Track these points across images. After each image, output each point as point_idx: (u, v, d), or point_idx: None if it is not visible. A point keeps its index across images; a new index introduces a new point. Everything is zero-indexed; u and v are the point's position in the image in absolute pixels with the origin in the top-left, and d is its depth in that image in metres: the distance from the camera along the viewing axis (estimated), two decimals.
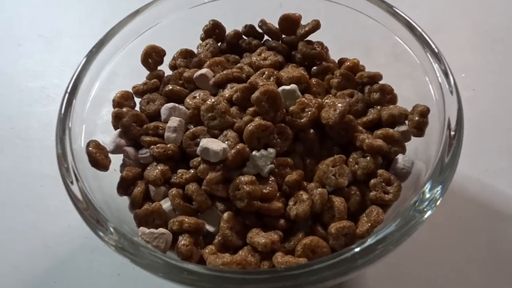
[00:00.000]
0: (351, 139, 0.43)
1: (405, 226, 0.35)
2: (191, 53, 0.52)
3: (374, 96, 0.47)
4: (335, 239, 0.38)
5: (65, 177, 0.39)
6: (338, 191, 0.41)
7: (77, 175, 0.39)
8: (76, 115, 0.44)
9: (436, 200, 0.36)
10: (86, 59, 0.47)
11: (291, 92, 0.43)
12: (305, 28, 0.51)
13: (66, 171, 0.39)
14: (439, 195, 0.36)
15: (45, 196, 0.61)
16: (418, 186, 0.39)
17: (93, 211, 0.37)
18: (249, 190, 0.38)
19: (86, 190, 0.39)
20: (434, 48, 0.44)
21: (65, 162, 0.39)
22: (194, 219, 0.39)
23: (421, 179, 0.40)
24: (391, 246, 0.34)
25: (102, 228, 0.36)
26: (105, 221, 0.37)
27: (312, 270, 0.33)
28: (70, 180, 0.39)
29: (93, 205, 0.38)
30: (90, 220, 0.36)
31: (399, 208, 0.40)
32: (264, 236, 0.38)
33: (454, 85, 0.41)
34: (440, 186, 0.37)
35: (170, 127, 0.43)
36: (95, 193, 0.40)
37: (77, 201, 0.37)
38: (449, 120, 0.39)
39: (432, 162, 0.39)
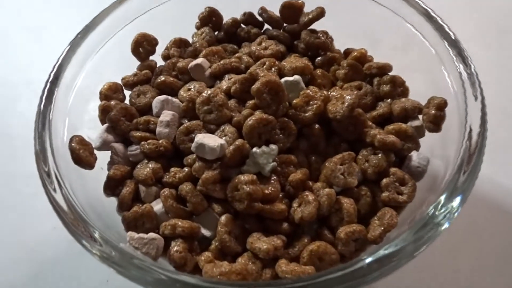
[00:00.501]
0: (360, 134, 0.41)
1: (419, 240, 0.32)
2: (186, 42, 0.51)
3: (384, 88, 0.45)
4: (345, 244, 0.36)
5: (46, 182, 0.36)
6: (347, 191, 0.39)
7: (58, 178, 0.36)
8: (58, 108, 0.41)
9: (454, 211, 0.33)
10: (70, 47, 0.44)
11: (294, 84, 0.42)
12: (308, 16, 0.49)
13: (47, 175, 0.36)
14: (457, 206, 0.33)
15: (29, 197, 0.57)
16: (436, 188, 0.36)
17: (76, 218, 0.34)
18: (249, 190, 0.36)
19: (69, 195, 0.36)
20: (452, 35, 0.41)
21: (44, 163, 0.36)
22: (188, 223, 0.37)
23: (438, 180, 0.37)
24: (404, 260, 0.31)
25: (85, 236, 0.33)
26: (89, 228, 0.34)
27: (320, 282, 0.30)
28: (52, 186, 0.36)
29: (76, 211, 0.35)
30: (72, 228, 0.33)
31: (415, 211, 0.37)
32: (266, 242, 0.36)
33: (476, 76, 0.38)
34: (460, 197, 0.34)
35: (162, 122, 0.41)
36: (78, 194, 0.37)
37: (59, 208, 0.34)
38: (470, 118, 0.36)
39: (451, 163, 0.36)
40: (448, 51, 0.40)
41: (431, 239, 0.32)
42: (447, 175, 0.35)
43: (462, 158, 0.35)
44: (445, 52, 0.41)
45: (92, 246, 0.32)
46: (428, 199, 0.35)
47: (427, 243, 0.32)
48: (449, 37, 0.41)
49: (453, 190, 0.34)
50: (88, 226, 0.33)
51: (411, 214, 0.38)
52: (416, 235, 0.32)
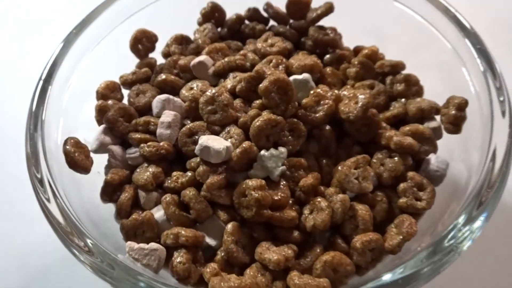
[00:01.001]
0: (374, 136, 0.40)
1: (439, 261, 0.30)
2: (187, 39, 0.50)
3: (398, 87, 0.43)
4: (361, 254, 0.35)
5: (38, 190, 0.34)
6: (361, 197, 0.38)
7: (52, 185, 0.34)
8: (52, 108, 0.40)
9: (476, 232, 0.32)
10: (64, 43, 0.43)
11: (303, 83, 0.41)
12: (316, 12, 0.48)
13: (40, 184, 0.34)
14: (480, 227, 0.32)
15: (20, 201, 0.54)
16: (458, 196, 0.35)
17: (69, 228, 0.32)
18: (257, 196, 0.35)
19: (63, 203, 0.34)
20: (473, 31, 0.39)
21: (36, 169, 0.35)
22: (192, 231, 0.36)
23: (460, 187, 0.35)
24: (422, 281, 0.30)
25: (79, 248, 0.31)
26: (85, 239, 0.32)
27: None
28: (45, 196, 0.34)
29: (70, 220, 0.33)
30: (67, 241, 0.31)
31: (435, 219, 0.35)
32: (276, 252, 0.35)
33: (499, 76, 0.35)
34: (483, 217, 0.32)
35: (163, 123, 0.40)
36: (73, 201, 0.35)
37: (51, 216, 0.33)
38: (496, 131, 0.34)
39: (475, 172, 0.34)
40: (470, 49, 0.38)
41: (452, 260, 0.31)
42: (471, 185, 0.33)
43: (487, 173, 0.33)
44: (465, 49, 0.39)
45: (86, 259, 0.30)
46: (450, 209, 0.33)
47: (448, 263, 0.31)
48: (470, 33, 0.39)
49: (478, 207, 0.32)
50: (82, 235, 0.31)
51: (430, 222, 0.36)
52: (436, 255, 0.31)
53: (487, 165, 0.33)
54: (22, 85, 0.64)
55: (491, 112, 0.35)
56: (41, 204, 0.33)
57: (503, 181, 0.32)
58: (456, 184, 0.36)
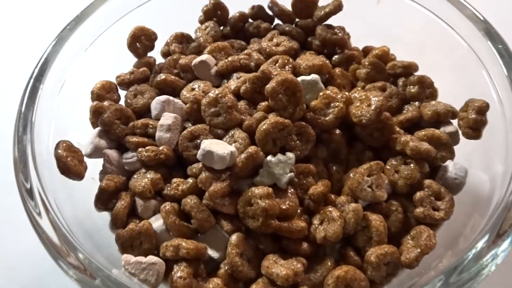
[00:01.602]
0: (387, 141, 0.39)
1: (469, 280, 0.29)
2: (188, 38, 0.50)
3: (411, 89, 0.42)
4: (376, 269, 0.34)
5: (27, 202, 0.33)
6: (375, 206, 0.37)
7: (41, 193, 0.33)
8: (43, 108, 0.39)
9: (501, 256, 0.30)
10: (57, 40, 0.42)
11: (312, 84, 0.40)
12: (324, 10, 0.47)
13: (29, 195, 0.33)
14: (506, 249, 0.30)
15: (9, 208, 0.50)
16: (480, 207, 0.33)
17: (60, 242, 0.31)
18: (264, 206, 0.34)
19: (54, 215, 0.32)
20: (493, 31, 0.37)
21: (25, 179, 0.33)
22: (193, 243, 0.35)
23: (483, 198, 0.34)
24: None
25: (69, 264, 0.29)
26: (75, 252, 0.30)
27: None
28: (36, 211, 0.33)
29: (60, 231, 0.32)
30: (54, 253, 0.30)
31: (455, 232, 0.34)
32: (284, 266, 0.34)
33: None
34: (510, 239, 0.30)
35: (163, 126, 0.40)
36: (64, 210, 0.34)
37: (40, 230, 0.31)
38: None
39: (499, 184, 0.32)
40: (489, 48, 0.37)
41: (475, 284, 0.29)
42: (495, 197, 0.32)
43: None
44: (485, 50, 0.38)
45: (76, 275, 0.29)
46: (472, 221, 0.32)
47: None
48: (489, 31, 0.38)
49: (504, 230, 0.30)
50: (75, 252, 0.30)
51: (450, 234, 0.35)
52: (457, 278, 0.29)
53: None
54: (12, 84, 0.62)
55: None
56: (30, 217, 0.31)
57: None
58: (477, 194, 0.35)
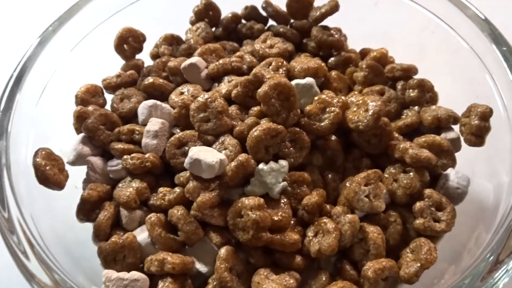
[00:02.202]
0: (386, 148, 0.38)
1: None
2: (178, 39, 0.49)
3: (411, 93, 0.42)
4: (373, 285, 0.33)
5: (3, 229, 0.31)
6: (372, 217, 0.36)
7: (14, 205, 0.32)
8: (21, 114, 0.38)
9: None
10: (39, 41, 0.41)
11: (307, 88, 0.39)
12: (320, 10, 0.46)
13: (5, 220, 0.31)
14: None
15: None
16: (484, 219, 0.32)
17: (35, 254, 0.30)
18: (255, 217, 0.33)
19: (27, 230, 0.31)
20: (497, 33, 0.37)
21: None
22: (179, 258, 0.34)
23: (487, 208, 0.33)
24: None
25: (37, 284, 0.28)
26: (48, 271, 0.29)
27: None
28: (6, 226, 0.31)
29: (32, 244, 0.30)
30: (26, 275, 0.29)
31: (454, 242, 0.32)
32: (276, 282, 0.33)
33: None
34: None
35: (150, 132, 0.39)
36: (42, 222, 0.33)
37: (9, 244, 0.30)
38: None
39: (505, 194, 0.31)
40: (493, 50, 0.36)
41: None
42: (501, 208, 0.31)
43: None
44: (489, 54, 0.37)
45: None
46: (476, 233, 0.31)
47: None
48: (493, 32, 0.37)
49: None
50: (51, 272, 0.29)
51: (450, 246, 0.34)
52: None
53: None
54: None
55: None
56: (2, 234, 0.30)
57: None
58: (480, 204, 0.34)
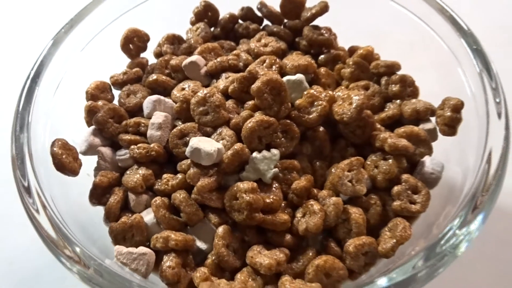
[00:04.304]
0: (369, 138, 0.40)
1: (436, 264, 0.30)
2: (179, 39, 0.50)
3: (393, 88, 0.43)
4: (354, 259, 0.35)
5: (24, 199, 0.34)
6: (355, 200, 0.38)
7: (37, 190, 0.34)
8: (39, 108, 0.39)
9: (474, 233, 0.31)
10: (53, 42, 0.43)
11: (297, 83, 0.41)
12: (311, 11, 0.48)
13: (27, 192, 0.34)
14: (476, 230, 0.31)
15: (5, 204, 0.52)
16: (453, 199, 0.34)
17: (57, 235, 0.32)
18: (249, 199, 0.35)
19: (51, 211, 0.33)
20: (469, 32, 0.39)
21: (23, 177, 0.34)
22: (182, 235, 0.36)
23: (456, 190, 0.35)
24: (418, 285, 0.30)
25: (65, 255, 0.31)
26: (71, 244, 0.31)
27: None
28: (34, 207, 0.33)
29: (56, 225, 0.32)
30: (51, 245, 0.31)
31: (429, 222, 0.35)
32: (268, 256, 0.35)
33: (495, 77, 0.35)
34: (479, 220, 0.31)
35: (154, 124, 0.41)
36: (60, 204, 0.35)
37: (37, 224, 0.32)
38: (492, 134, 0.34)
39: (470, 173, 0.34)
40: (465, 49, 0.38)
41: (449, 262, 0.30)
42: (466, 187, 0.33)
43: (484, 174, 0.32)
44: (461, 50, 0.39)
45: (71, 264, 0.30)
46: (446, 211, 0.33)
47: (444, 266, 0.30)
48: (466, 33, 0.39)
49: (474, 208, 0.32)
50: (68, 241, 0.31)
51: (425, 225, 0.36)
52: (433, 258, 0.30)
53: (482, 167, 0.33)
54: (9, 85, 0.63)
55: (487, 114, 0.35)
56: (28, 213, 0.33)
57: (499, 184, 0.32)
58: (451, 187, 0.36)
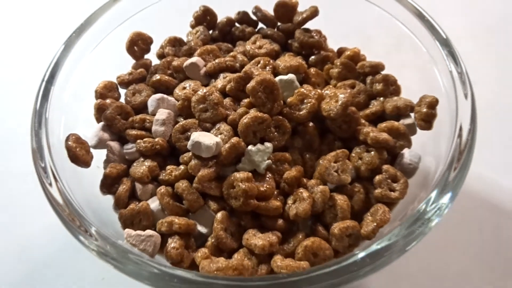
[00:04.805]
0: (354, 132, 0.42)
1: (410, 235, 0.33)
2: (180, 41, 0.51)
3: (377, 87, 0.46)
4: (338, 240, 0.37)
5: (42, 177, 0.36)
6: (341, 188, 0.40)
7: (55, 174, 0.36)
8: (54, 106, 0.41)
9: (445, 208, 0.34)
10: (65, 46, 0.44)
11: (289, 82, 0.42)
12: (302, 15, 0.50)
13: (43, 171, 0.36)
14: (448, 202, 0.34)
15: (20, 196, 0.57)
16: (427, 185, 0.37)
17: (72, 213, 0.34)
18: (245, 187, 0.37)
19: (65, 190, 0.36)
20: (443, 35, 0.42)
21: (41, 159, 0.37)
22: (184, 220, 0.38)
23: (430, 177, 0.38)
24: (395, 255, 0.32)
25: (82, 231, 0.33)
26: (86, 223, 0.34)
27: (314, 277, 0.31)
28: (48, 181, 0.36)
29: (72, 206, 0.35)
30: (69, 223, 0.34)
31: (406, 207, 0.38)
32: (262, 238, 0.37)
33: (466, 75, 0.39)
34: (450, 194, 0.35)
35: (158, 120, 0.42)
36: (75, 192, 0.37)
37: (55, 202, 0.35)
38: (461, 116, 0.38)
39: (442, 160, 0.37)
40: (440, 51, 0.41)
41: (421, 235, 0.33)
42: (438, 171, 0.36)
43: (453, 155, 0.36)
44: (437, 51, 0.42)
45: (89, 241, 0.33)
46: (420, 196, 0.36)
47: (418, 239, 0.33)
48: (441, 36, 0.42)
49: (444, 186, 0.35)
50: (84, 221, 0.34)
51: (403, 210, 0.39)
52: (407, 230, 0.33)
53: (451, 153, 0.36)
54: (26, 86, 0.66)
55: (456, 109, 0.38)
56: (49, 197, 0.35)
57: (466, 165, 0.35)
58: (426, 175, 0.39)
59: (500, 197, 0.53)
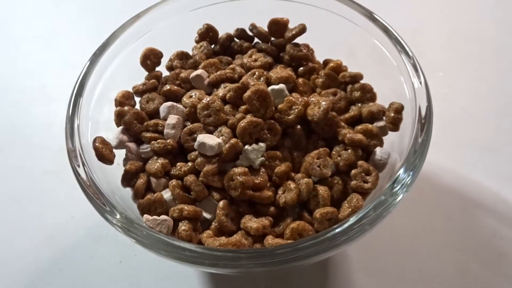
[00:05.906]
0: (334, 133, 0.45)
1: (379, 208, 0.38)
2: (187, 55, 0.53)
3: (356, 94, 0.49)
4: (320, 223, 0.40)
5: (77, 171, 0.41)
6: (323, 181, 0.43)
7: (86, 170, 0.42)
8: (82, 114, 0.46)
9: (408, 185, 0.39)
10: (91, 62, 0.49)
11: (279, 91, 0.45)
12: (292, 32, 0.54)
13: (77, 166, 0.41)
14: (410, 180, 0.39)
15: (48, 191, 0.62)
16: (393, 175, 0.42)
17: (101, 198, 0.40)
18: (242, 180, 0.40)
19: (96, 183, 0.41)
20: (408, 50, 0.47)
21: (75, 156, 0.42)
22: (192, 207, 0.40)
23: (395, 169, 0.43)
24: (367, 226, 0.37)
25: (110, 211, 0.39)
26: (112, 206, 0.39)
27: (298, 248, 0.36)
28: (82, 176, 0.41)
29: (102, 195, 0.40)
30: (99, 205, 0.39)
31: (377, 195, 0.44)
32: (256, 222, 0.40)
33: (424, 83, 0.44)
34: (411, 172, 0.40)
35: (169, 124, 0.44)
36: (103, 185, 0.42)
37: (91, 191, 0.40)
38: (420, 113, 0.43)
39: (404, 153, 0.42)
40: (405, 63, 0.46)
41: (389, 208, 0.38)
42: (400, 163, 0.42)
43: (414, 141, 0.41)
44: (403, 64, 0.47)
45: (114, 219, 0.38)
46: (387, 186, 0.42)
47: (386, 212, 0.37)
48: (406, 51, 0.47)
49: (406, 167, 0.40)
50: (111, 205, 0.39)
51: (373, 196, 0.44)
52: (375, 205, 0.38)
53: (411, 143, 0.41)
54: (41, 91, 0.72)
55: (419, 113, 0.43)
56: (82, 184, 0.40)
57: (423, 154, 0.40)
58: (393, 168, 0.44)
59: (470, 191, 0.59)
